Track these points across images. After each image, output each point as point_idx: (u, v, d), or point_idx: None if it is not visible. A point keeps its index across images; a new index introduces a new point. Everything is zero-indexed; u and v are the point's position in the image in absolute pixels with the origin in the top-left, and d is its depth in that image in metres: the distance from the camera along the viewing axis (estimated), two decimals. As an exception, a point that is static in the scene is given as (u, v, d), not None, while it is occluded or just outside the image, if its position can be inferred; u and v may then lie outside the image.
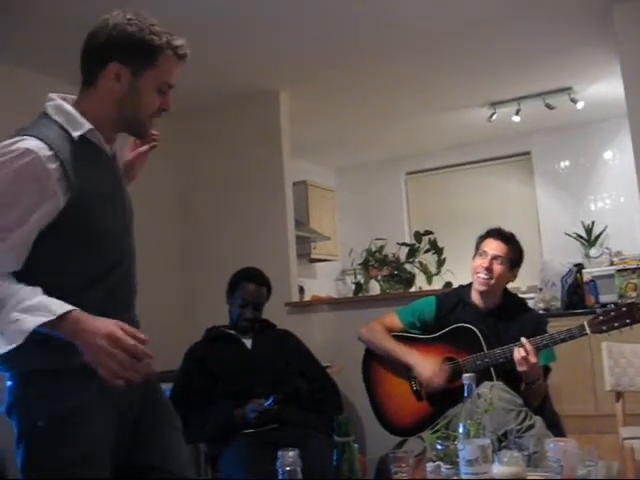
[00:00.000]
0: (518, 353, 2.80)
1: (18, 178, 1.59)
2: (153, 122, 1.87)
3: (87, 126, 1.72)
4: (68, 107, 1.74)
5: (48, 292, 1.58)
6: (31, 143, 1.60)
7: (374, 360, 3.31)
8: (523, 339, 2.82)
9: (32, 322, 1.50)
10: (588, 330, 2.82)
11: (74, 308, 1.55)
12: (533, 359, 2.78)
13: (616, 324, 2.81)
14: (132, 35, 1.72)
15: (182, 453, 1.94)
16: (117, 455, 1.78)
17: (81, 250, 1.70)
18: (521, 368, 2.80)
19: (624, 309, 2.83)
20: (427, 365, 3.06)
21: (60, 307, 1.53)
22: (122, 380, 1.52)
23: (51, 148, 1.62)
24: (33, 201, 1.59)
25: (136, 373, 1.54)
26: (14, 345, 1.50)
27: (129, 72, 1.74)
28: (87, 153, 1.73)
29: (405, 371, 3.17)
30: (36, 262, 1.64)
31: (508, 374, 2.94)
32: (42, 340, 1.55)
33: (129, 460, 1.84)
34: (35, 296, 1.55)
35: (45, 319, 1.50)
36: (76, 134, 1.70)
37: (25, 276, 1.61)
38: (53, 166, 1.61)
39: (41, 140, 1.62)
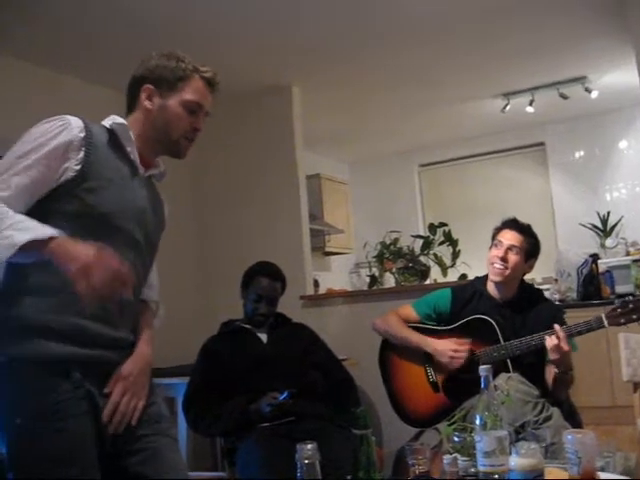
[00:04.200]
0: (551, 341, 2.77)
1: (47, 131, 1.77)
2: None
3: (119, 120, 1.93)
4: (115, 116, 1.96)
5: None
6: (69, 116, 1.82)
7: (391, 352, 3.31)
8: (556, 326, 2.79)
9: (23, 237, 1.59)
10: (606, 322, 2.79)
11: (63, 236, 1.65)
12: (566, 347, 2.75)
13: (634, 316, 2.78)
14: (162, 63, 1.95)
15: (175, 463, 1.96)
16: (103, 456, 1.81)
17: (75, 230, 1.75)
18: (554, 356, 2.77)
19: (642, 301, 2.80)
20: (444, 352, 3.06)
21: (51, 230, 1.64)
22: (96, 296, 1.59)
23: (85, 124, 1.82)
24: (50, 151, 1.74)
25: (112, 292, 1.62)
26: (2, 259, 1.63)
27: (159, 94, 1.94)
28: (115, 148, 1.90)
29: (422, 362, 3.17)
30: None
31: (525, 366, 2.94)
32: (16, 326, 1.72)
33: (122, 467, 1.87)
34: (30, 220, 1.66)
35: (35, 236, 1.60)
36: (107, 123, 1.93)
37: None
38: (78, 134, 1.79)
39: (79, 118, 1.84)
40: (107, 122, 1.93)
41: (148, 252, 2.00)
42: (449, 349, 3.05)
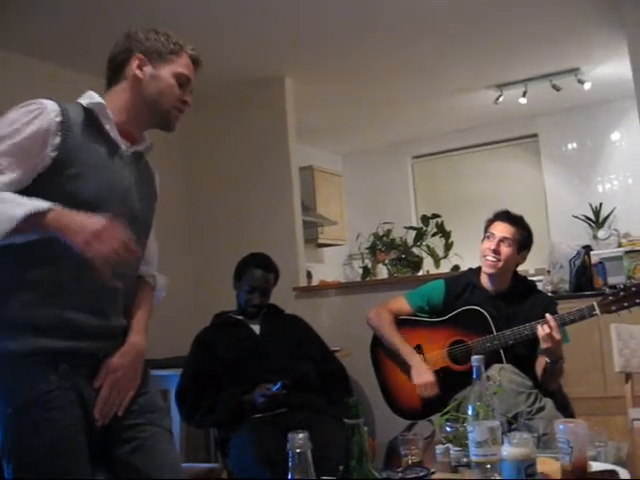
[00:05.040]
0: (542, 330, 2.77)
1: (22, 116, 1.73)
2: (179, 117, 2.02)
3: (97, 99, 1.88)
4: (93, 92, 1.92)
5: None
6: (45, 100, 1.78)
7: (382, 345, 3.31)
8: (548, 315, 2.80)
9: (20, 210, 1.57)
10: (598, 310, 2.81)
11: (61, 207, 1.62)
12: (557, 335, 2.76)
13: (626, 304, 2.80)
14: (152, 36, 1.96)
15: (166, 453, 1.95)
16: (93, 447, 1.81)
17: None
18: (545, 345, 2.77)
19: (633, 289, 2.81)
20: (422, 374, 3.09)
21: (48, 203, 1.61)
22: (109, 263, 1.58)
23: (60, 108, 1.78)
24: (26, 138, 1.71)
25: (122, 260, 1.61)
26: (3, 231, 1.58)
27: (150, 64, 1.93)
28: (94, 129, 1.85)
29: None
30: None
31: (518, 358, 2.94)
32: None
33: (112, 456, 1.87)
34: (22, 197, 1.63)
35: (32, 208, 1.57)
36: (83, 101, 1.87)
37: None
38: (54, 119, 1.75)
39: (55, 102, 1.79)
40: (84, 100, 1.89)
41: (138, 232, 1.95)
42: (427, 377, 3.08)
